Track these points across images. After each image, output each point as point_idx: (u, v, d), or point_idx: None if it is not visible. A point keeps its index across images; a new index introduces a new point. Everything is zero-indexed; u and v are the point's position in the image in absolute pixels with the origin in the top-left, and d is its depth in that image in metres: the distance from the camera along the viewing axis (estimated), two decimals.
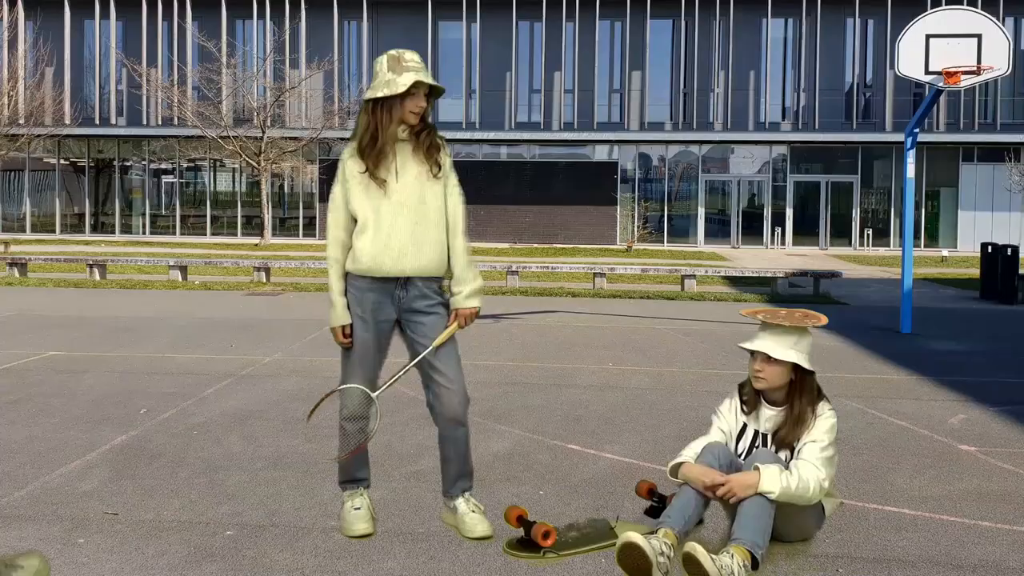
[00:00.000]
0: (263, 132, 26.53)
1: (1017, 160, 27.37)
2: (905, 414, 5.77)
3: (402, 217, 3.40)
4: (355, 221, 3.46)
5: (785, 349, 3.35)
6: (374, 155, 3.40)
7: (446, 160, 3.53)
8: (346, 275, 3.50)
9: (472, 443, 4.75)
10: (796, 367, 3.37)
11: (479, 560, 3.29)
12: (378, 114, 3.39)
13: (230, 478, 4.20)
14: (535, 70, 30.11)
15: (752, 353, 3.43)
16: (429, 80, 3.37)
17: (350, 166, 3.45)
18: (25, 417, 5.36)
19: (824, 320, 3.44)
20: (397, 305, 3.48)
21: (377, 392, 3.45)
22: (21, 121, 26.15)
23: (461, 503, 3.56)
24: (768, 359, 3.38)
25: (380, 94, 3.36)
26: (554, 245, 28.47)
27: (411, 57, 3.39)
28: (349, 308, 3.48)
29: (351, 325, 3.48)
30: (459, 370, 3.53)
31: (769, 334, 3.40)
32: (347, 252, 3.48)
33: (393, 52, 3.41)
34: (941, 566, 3.31)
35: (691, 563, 3.00)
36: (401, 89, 3.33)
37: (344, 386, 3.50)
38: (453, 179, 3.55)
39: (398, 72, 3.34)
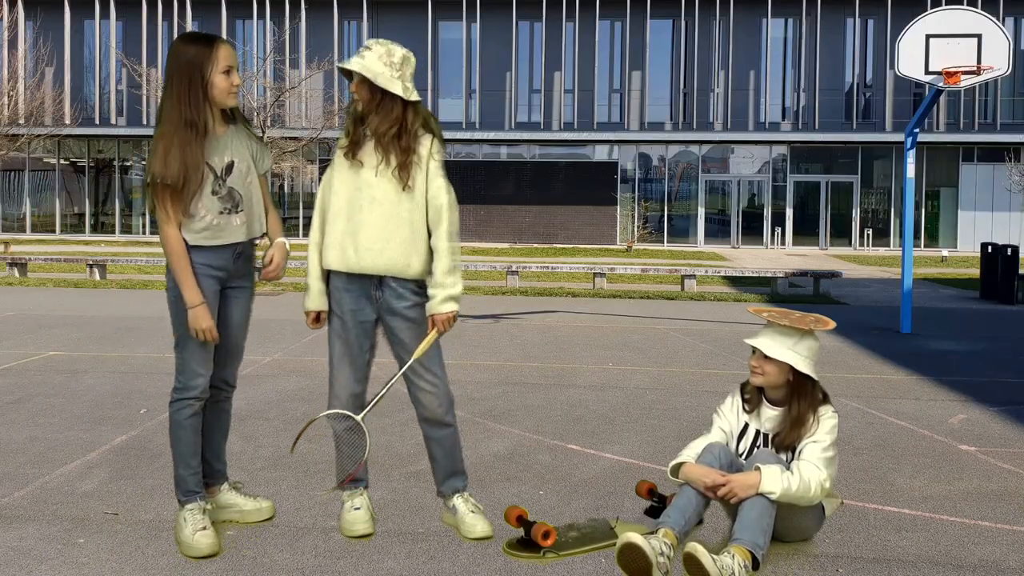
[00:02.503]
0: (263, 132, 26.47)
1: (1017, 160, 27.36)
2: (905, 414, 5.77)
3: (373, 213, 3.36)
4: None
5: (782, 349, 3.35)
6: (359, 142, 3.41)
7: (432, 163, 3.39)
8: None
9: (472, 443, 4.76)
10: (794, 369, 3.37)
11: (479, 560, 3.29)
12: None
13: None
14: (535, 70, 30.11)
15: (753, 349, 3.43)
16: (346, 65, 3.32)
17: (338, 151, 3.48)
18: (25, 417, 5.35)
19: (831, 324, 3.42)
20: (376, 305, 3.44)
21: (361, 415, 3.43)
22: (21, 121, 26.16)
23: (460, 503, 3.55)
24: (765, 357, 3.38)
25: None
26: (554, 245, 28.47)
27: (367, 46, 3.37)
28: (330, 303, 3.48)
29: (327, 317, 3.48)
30: (441, 370, 3.49)
31: (771, 332, 3.41)
32: None
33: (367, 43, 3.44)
34: (941, 566, 3.31)
35: (692, 563, 3.00)
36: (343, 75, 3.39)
37: (324, 413, 3.48)
38: (440, 181, 3.41)
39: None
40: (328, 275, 3.48)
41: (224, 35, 28.73)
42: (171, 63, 3.29)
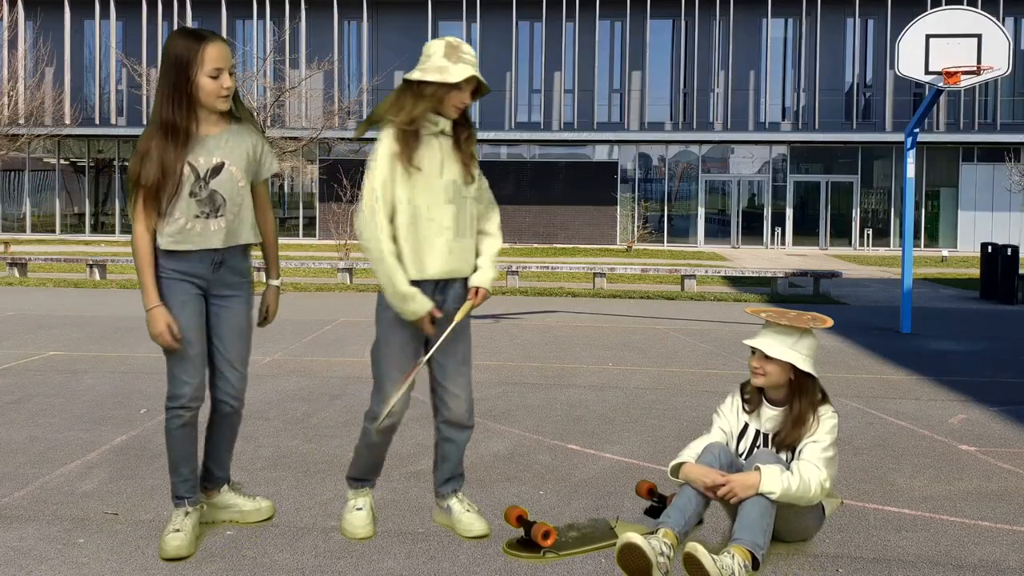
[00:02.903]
0: (263, 132, 26.51)
1: (1017, 160, 27.37)
2: (905, 414, 5.77)
3: (446, 217, 3.29)
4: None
5: (784, 348, 3.35)
6: (415, 142, 3.24)
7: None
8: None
9: (472, 443, 4.75)
10: (795, 367, 3.38)
11: (479, 560, 3.29)
12: (420, 97, 3.23)
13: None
14: (535, 70, 30.11)
15: (753, 350, 3.43)
16: (481, 77, 3.28)
17: (394, 149, 3.24)
18: (25, 417, 5.35)
19: (829, 322, 3.43)
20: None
21: (424, 359, 3.37)
22: (21, 121, 26.16)
23: (455, 503, 3.55)
24: (766, 357, 3.38)
25: (429, 78, 3.19)
26: (554, 245, 28.47)
27: (468, 50, 3.24)
28: (388, 313, 3.30)
29: (384, 320, 3.31)
30: (469, 376, 3.47)
31: (770, 332, 3.41)
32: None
33: (451, 40, 3.24)
34: (941, 566, 3.31)
35: (692, 563, 3.00)
36: (453, 79, 3.17)
37: (401, 390, 3.33)
38: (485, 182, 3.49)
39: (453, 61, 3.19)
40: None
41: (224, 35, 28.75)
42: (162, 59, 3.16)
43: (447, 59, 3.20)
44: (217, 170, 3.22)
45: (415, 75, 3.23)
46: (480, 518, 3.50)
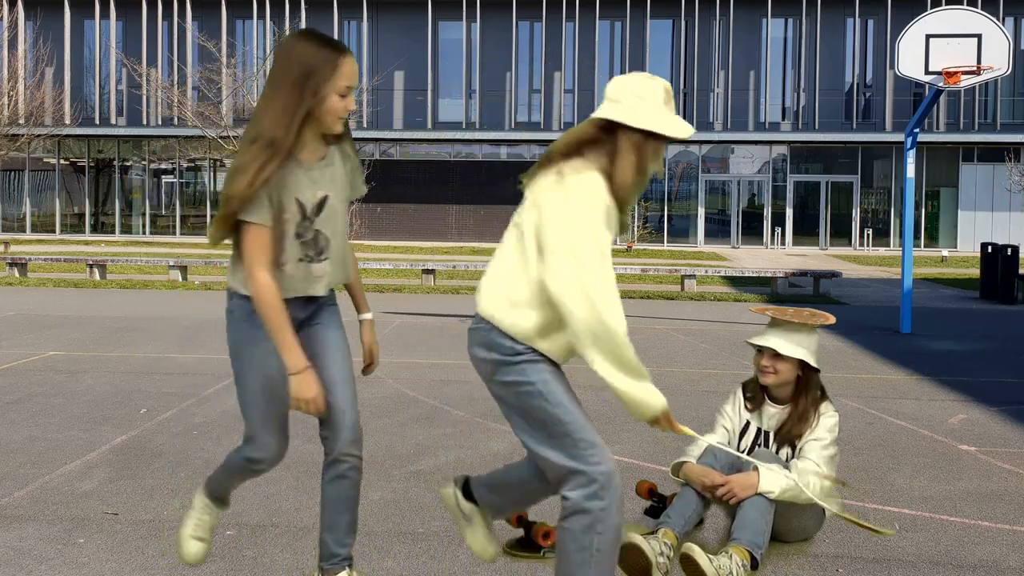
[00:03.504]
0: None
1: (1017, 160, 27.37)
2: (905, 414, 5.77)
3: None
4: None
5: (793, 346, 3.36)
6: (627, 200, 2.54)
7: None
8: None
9: (472, 443, 4.76)
10: (802, 364, 3.39)
11: (479, 560, 3.29)
12: (646, 151, 2.50)
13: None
14: (535, 70, 30.11)
15: (760, 349, 3.43)
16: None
17: (608, 203, 2.47)
18: (25, 417, 5.36)
19: (832, 319, 3.45)
20: None
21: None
22: (21, 121, 26.15)
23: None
24: (776, 355, 3.38)
25: (659, 130, 2.46)
26: None
27: (663, 87, 2.55)
28: (540, 375, 2.54)
29: (551, 376, 2.57)
30: None
31: (777, 331, 3.41)
32: None
33: (668, 86, 2.52)
34: (941, 566, 3.31)
35: (689, 563, 3.00)
36: (678, 135, 2.47)
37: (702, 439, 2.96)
38: None
39: (671, 109, 2.52)
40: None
41: (224, 35, 28.78)
42: (281, 63, 2.55)
43: (667, 106, 2.51)
44: (321, 206, 2.66)
45: (638, 122, 2.46)
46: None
